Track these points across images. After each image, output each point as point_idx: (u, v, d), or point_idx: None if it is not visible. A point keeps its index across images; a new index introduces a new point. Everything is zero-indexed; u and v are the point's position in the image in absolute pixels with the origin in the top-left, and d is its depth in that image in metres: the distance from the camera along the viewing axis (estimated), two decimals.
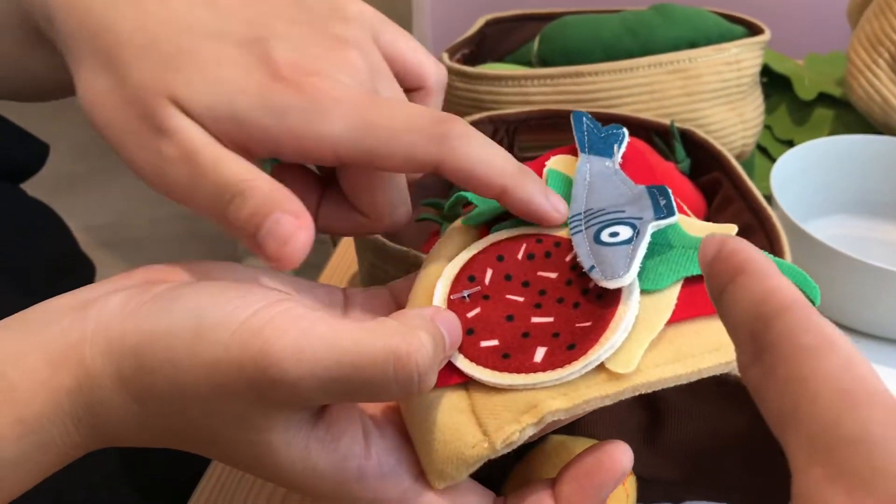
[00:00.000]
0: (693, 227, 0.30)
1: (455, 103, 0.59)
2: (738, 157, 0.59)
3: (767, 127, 0.68)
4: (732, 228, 0.30)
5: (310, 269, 1.30)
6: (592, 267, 0.28)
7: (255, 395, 0.24)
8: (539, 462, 0.36)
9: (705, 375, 0.26)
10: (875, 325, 0.53)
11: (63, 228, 0.76)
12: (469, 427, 0.26)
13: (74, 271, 0.72)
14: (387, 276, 0.48)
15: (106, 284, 0.28)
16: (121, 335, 0.25)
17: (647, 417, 0.39)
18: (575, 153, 0.35)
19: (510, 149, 0.56)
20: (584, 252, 0.28)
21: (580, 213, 0.31)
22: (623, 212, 0.30)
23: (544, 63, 0.62)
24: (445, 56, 0.61)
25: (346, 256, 0.64)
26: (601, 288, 0.27)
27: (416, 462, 0.28)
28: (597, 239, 0.29)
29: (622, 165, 0.34)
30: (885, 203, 0.61)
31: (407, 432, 0.28)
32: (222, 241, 1.61)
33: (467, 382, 0.27)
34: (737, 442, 0.38)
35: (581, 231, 0.30)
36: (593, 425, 0.39)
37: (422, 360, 0.24)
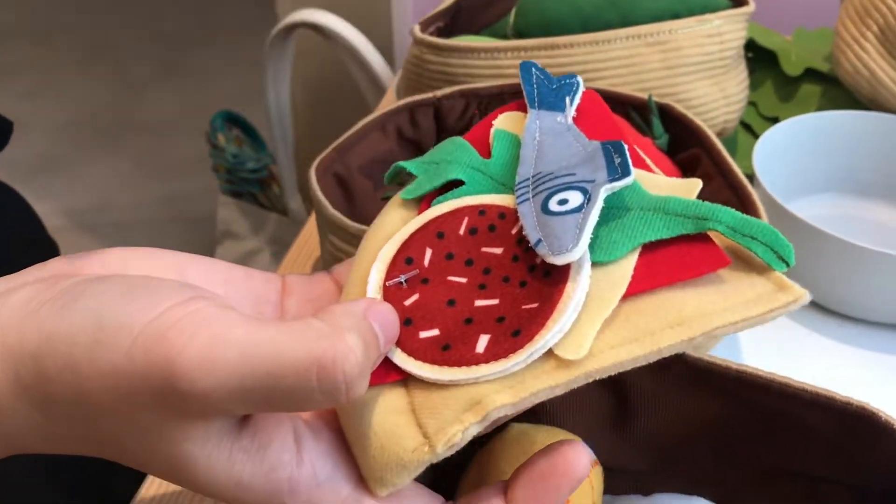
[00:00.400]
0: (657, 184, 0.27)
1: (427, 77, 0.57)
2: (720, 134, 0.57)
3: (752, 103, 0.65)
4: (697, 183, 0.28)
5: (281, 247, 1.28)
6: (539, 241, 0.25)
7: (165, 407, 0.22)
8: (498, 452, 0.34)
9: (666, 354, 0.23)
10: (861, 309, 0.51)
11: (27, 211, 0.74)
12: (408, 429, 0.24)
13: (37, 254, 0.70)
14: (349, 257, 0.46)
15: (17, 277, 0.26)
16: (19, 339, 0.23)
17: (616, 405, 0.37)
18: (525, 108, 0.32)
19: None
20: (530, 224, 0.26)
21: (528, 179, 0.28)
22: (573, 174, 0.27)
23: (520, 36, 0.60)
24: (417, 28, 0.59)
25: (314, 234, 0.61)
26: (549, 263, 0.25)
27: (355, 467, 0.26)
28: (544, 208, 0.26)
29: (577, 119, 0.31)
30: (872, 181, 0.59)
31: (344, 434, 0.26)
32: (204, 224, 1.59)
33: (407, 382, 0.25)
34: (708, 432, 0.36)
35: (528, 199, 0.27)
36: (558, 413, 0.37)
37: (349, 367, 0.21)
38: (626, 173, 0.26)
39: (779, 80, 0.66)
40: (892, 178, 0.59)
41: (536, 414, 0.37)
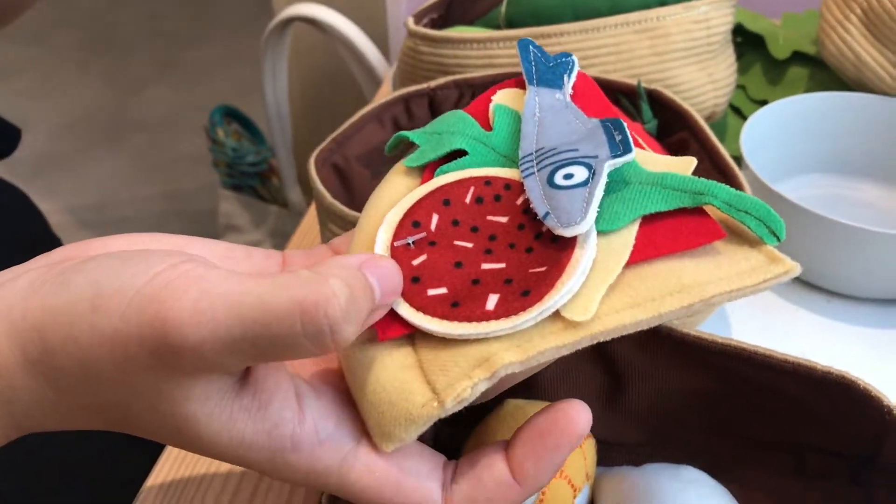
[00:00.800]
0: (651, 161, 0.29)
1: (421, 68, 0.58)
2: (709, 118, 0.58)
3: (741, 87, 0.66)
4: (692, 161, 0.29)
5: (282, 239, 1.29)
6: (547, 213, 0.26)
7: (162, 365, 0.23)
8: (495, 427, 0.35)
9: (666, 320, 0.24)
10: (847, 285, 0.52)
11: (32, 210, 0.75)
12: (416, 385, 0.25)
13: (41, 252, 0.71)
14: None
15: (25, 265, 0.27)
16: (23, 315, 0.24)
17: (608, 381, 0.39)
18: (522, 85, 0.33)
19: None
20: (537, 197, 0.27)
21: (531, 153, 0.29)
22: (577, 150, 0.28)
23: (512, 26, 0.61)
24: (411, 21, 0.60)
25: (315, 225, 0.63)
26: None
27: (357, 424, 0.26)
28: (550, 182, 0.27)
29: (573, 97, 0.32)
30: (859, 161, 0.61)
31: (347, 393, 0.27)
32: (206, 217, 1.60)
33: (413, 337, 0.26)
34: (697, 404, 0.37)
35: (533, 173, 0.28)
36: (553, 389, 0.39)
37: (331, 310, 0.22)
38: (628, 150, 0.27)
39: (767, 63, 0.67)
40: (878, 157, 0.60)
41: (531, 389, 0.38)
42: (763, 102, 0.65)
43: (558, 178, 0.27)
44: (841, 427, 0.35)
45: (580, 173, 0.27)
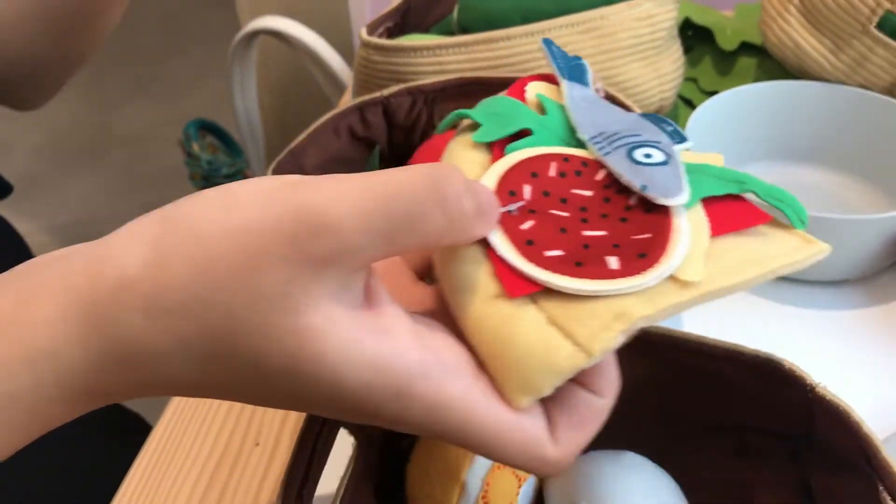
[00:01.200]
0: (684, 156, 0.31)
1: (375, 77, 0.59)
2: (658, 112, 0.60)
3: (693, 79, 0.68)
4: (719, 158, 0.31)
5: None
6: (645, 186, 0.28)
7: (296, 254, 0.23)
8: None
9: (749, 286, 0.26)
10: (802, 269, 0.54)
11: (12, 235, 0.76)
12: (555, 338, 0.25)
13: None
14: None
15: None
16: (139, 231, 0.25)
17: None
18: (547, 81, 0.34)
19: (429, 119, 0.56)
20: (627, 171, 0.28)
21: (598, 135, 0.30)
22: (639, 135, 0.30)
23: (465, 32, 0.62)
24: (364, 31, 0.61)
25: None
26: (645, 204, 0.28)
27: (473, 362, 0.27)
28: (632, 159, 0.29)
29: None
30: (806, 147, 0.62)
31: (456, 333, 0.27)
32: None
33: (535, 298, 0.26)
34: (641, 392, 0.39)
35: (610, 152, 0.29)
36: None
37: (455, 180, 0.24)
38: (685, 138, 0.30)
39: (716, 55, 0.68)
40: (822, 142, 0.62)
41: None
42: (714, 94, 0.66)
43: (639, 156, 0.29)
44: (775, 407, 0.36)
45: (657, 154, 0.29)
